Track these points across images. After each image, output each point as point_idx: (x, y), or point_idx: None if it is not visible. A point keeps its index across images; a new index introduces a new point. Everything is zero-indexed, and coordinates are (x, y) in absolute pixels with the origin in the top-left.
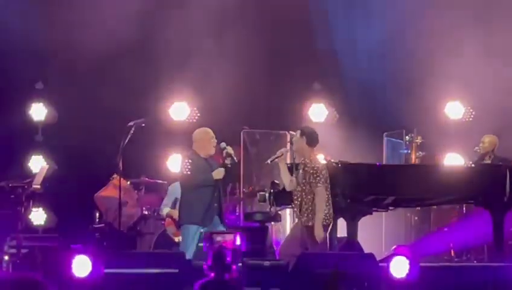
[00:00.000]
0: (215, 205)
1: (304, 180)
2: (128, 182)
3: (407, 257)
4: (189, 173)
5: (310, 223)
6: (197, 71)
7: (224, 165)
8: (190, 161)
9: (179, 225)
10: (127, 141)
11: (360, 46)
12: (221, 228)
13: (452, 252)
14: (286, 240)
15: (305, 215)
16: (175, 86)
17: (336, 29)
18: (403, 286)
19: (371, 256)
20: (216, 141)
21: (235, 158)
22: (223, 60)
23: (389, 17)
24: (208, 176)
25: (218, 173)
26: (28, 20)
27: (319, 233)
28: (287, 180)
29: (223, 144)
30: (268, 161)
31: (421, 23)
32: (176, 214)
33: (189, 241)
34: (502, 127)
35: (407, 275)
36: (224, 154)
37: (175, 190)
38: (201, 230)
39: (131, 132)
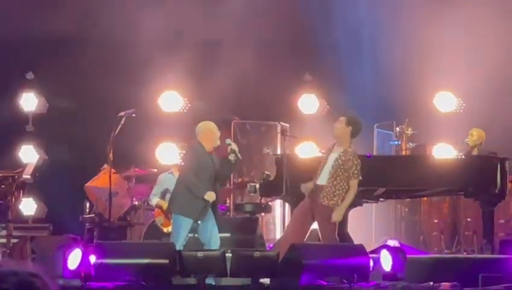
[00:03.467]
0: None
1: (341, 166)
2: (119, 173)
3: (391, 251)
4: (188, 163)
5: (328, 203)
6: (187, 61)
7: (227, 161)
8: (195, 151)
9: (170, 212)
10: (117, 131)
11: (351, 37)
12: (212, 221)
13: (442, 243)
14: (293, 226)
15: (327, 194)
16: (165, 76)
17: (326, 20)
18: (391, 278)
19: (360, 247)
20: (220, 133)
21: (239, 155)
22: (213, 51)
23: (379, 8)
24: (200, 188)
25: (210, 196)
26: (18, 9)
27: (338, 216)
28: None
29: (228, 140)
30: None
31: (410, 13)
32: (164, 205)
33: (182, 232)
34: (492, 119)
35: (392, 267)
36: (228, 150)
37: (165, 180)
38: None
39: (122, 122)
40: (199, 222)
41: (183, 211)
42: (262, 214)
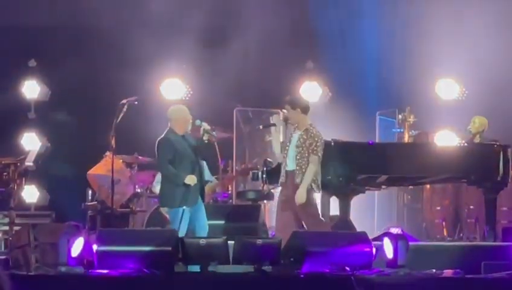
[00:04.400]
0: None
1: (303, 144)
2: (121, 160)
3: (393, 238)
4: (161, 157)
5: (310, 186)
6: (190, 49)
7: (202, 142)
8: (166, 142)
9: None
10: (119, 118)
11: (353, 24)
12: (202, 209)
13: (445, 231)
14: (280, 220)
15: (296, 176)
16: (168, 64)
17: (328, 8)
18: (394, 265)
19: (363, 235)
20: (192, 117)
21: (213, 133)
22: (216, 38)
23: None
24: (178, 176)
25: (190, 179)
26: None
27: (301, 195)
28: (279, 150)
29: (197, 122)
30: (260, 127)
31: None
32: None
33: (177, 224)
34: (494, 106)
35: (395, 255)
36: (201, 132)
37: None
38: (184, 208)
39: (124, 109)
40: (184, 207)
41: (168, 203)
42: (265, 201)
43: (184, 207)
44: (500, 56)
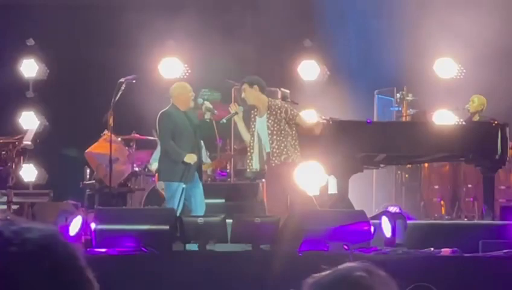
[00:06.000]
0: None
1: (276, 120)
2: (119, 139)
3: (391, 217)
4: (163, 130)
5: (290, 160)
6: (188, 28)
7: (204, 121)
8: (167, 116)
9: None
10: (117, 97)
11: (351, 2)
12: (200, 186)
13: (443, 209)
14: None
15: (276, 154)
16: (166, 42)
17: None
18: (392, 244)
19: (361, 213)
20: (194, 94)
21: (215, 111)
22: (213, 17)
23: None
24: (178, 153)
25: (190, 158)
26: None
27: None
28: (248, 137)
29: (200, 100)
30: (224, 120)
31: None
32: None
33: (174, 199)
34: (492, 85)
35: (393, 233)
36: (203, 110)
37: None
38: (183, 186)
39: (122, 88)
40: (184, 185)
41: (168, 177)
42: (263, 180)
43: (183, 185)
44: (498, 35)
